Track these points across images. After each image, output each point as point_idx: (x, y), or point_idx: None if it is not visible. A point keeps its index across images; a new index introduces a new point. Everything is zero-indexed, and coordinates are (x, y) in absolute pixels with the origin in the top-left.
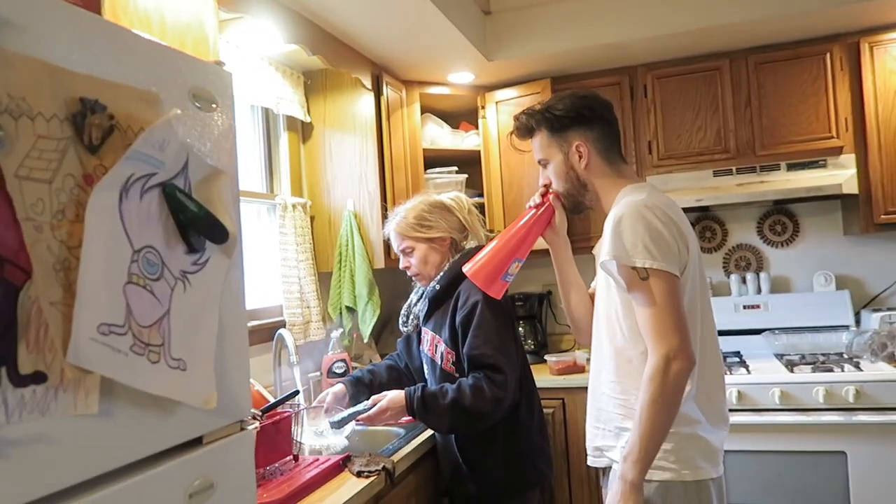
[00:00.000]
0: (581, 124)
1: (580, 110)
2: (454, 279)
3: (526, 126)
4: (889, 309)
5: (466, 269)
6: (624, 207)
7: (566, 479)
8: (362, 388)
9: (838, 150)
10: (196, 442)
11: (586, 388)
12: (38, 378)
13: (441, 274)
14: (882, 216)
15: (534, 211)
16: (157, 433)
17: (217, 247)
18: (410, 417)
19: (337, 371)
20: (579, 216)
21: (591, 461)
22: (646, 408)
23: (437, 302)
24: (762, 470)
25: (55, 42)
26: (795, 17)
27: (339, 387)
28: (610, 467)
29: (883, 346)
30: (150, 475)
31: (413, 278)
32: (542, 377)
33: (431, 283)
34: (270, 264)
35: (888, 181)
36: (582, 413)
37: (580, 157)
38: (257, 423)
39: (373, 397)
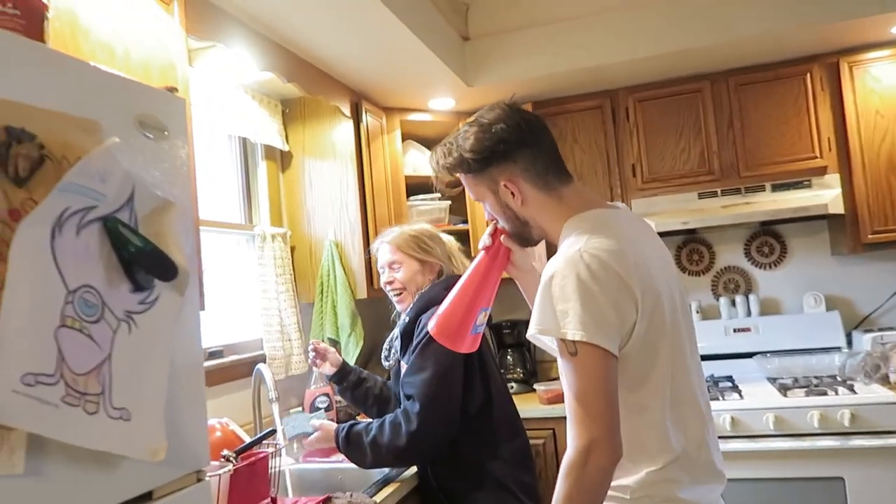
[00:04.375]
0: (501, 160)
1: (493, 148)
2: (422, 309)
3: (447, 171)
4: (880, 329)
5: (431, 327)
6: (558, 261)
7: None
8: (352, 379)
9: (822, 170)
10: (145, 497)
11: None
12: None
13: (412, 305)
14: (869, 235)
15: (486, 253)
16: (97, 491)
17: (168, 284)
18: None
19: (319, 406)
20: None
21: None
22: None
23: (408, 334)
24: (758, 498)
25: None
26: (774, 38)
27: (338, 360)
28: None
29: (876, 367)
30: None
31: (394, 299)
32: (532, 406)
33: (402, 317)
34: (250, 297)
35: (874, 200)
36: None
37: (513, 195)
38: (230, 466)
39: (321, 422)
